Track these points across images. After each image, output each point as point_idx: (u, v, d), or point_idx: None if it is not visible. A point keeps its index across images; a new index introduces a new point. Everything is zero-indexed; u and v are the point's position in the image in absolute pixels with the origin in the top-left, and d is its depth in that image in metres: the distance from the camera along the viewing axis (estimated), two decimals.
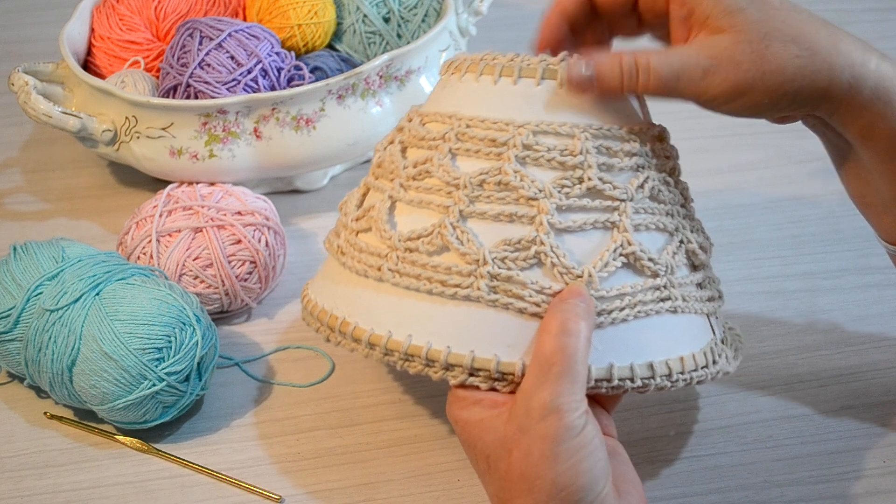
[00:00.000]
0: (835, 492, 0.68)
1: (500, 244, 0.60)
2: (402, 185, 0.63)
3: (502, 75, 0.63)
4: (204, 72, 0.86)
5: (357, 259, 0.64)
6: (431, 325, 0.60)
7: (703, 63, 0.57)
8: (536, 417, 0.54)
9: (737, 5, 0.57)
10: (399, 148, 0.65)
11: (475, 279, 0.59)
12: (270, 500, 0.68)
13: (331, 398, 0.75)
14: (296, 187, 0.95)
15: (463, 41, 1.00)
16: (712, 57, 0.57)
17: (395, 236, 0.62)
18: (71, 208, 0.94)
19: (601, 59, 0.60)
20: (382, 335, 0.61)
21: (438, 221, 0.61)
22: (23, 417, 0.74)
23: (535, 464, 0.54)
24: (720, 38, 0.57)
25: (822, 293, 0.84)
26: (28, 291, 0.71)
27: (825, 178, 0.96)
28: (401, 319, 0.61)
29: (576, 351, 0.55)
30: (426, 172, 0.62)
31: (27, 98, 0.85)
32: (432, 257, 0.61)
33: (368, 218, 0.64)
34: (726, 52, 0.57)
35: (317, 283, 0.69)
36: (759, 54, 0.57)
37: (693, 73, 0.57)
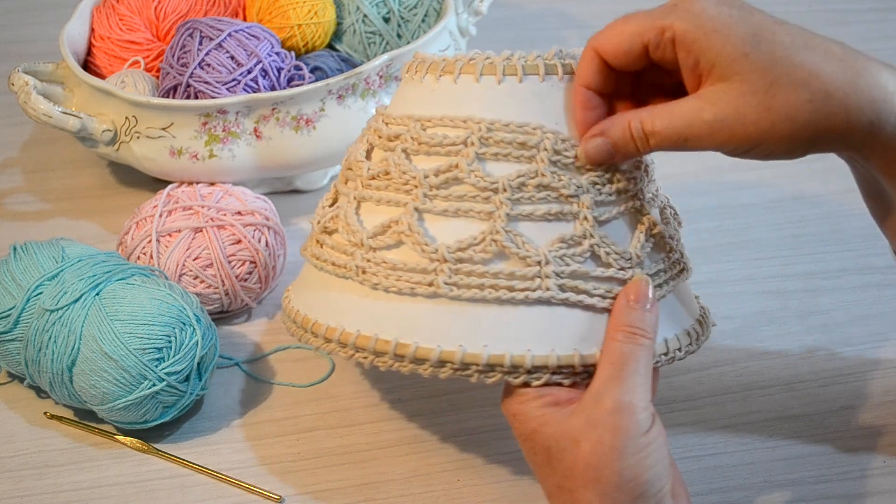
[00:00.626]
0: (835, 492, 0.68)
1: (554, 242, 0.60)
2: (426, 195, 0.62)
3: (506, 74, 0.62)
4: (204, 72, 0.86)
5: (395, 277, 0.61)
6: (504, 332, 0.60)
7: (707, 119, 0.55)
8: (608, 411, 0.56)
9: (741, 51, 0.54)
10: (403, 156, 0.63)
11: (541, 279, 0.60)
12: (270, 500, 0.68)
13: (331, 398, 0.75)
14: (296, 187, 0.95)
15: (463, 41, 1.00)
16: (717, 111, 0.55)
17: (442, 249, 0.60)
18: (71, 208, 0.94)
19: (612, 131, 0.59)
20: (454, 350, 0.60)
21: (487, 228, 0.60)
22: (23, 417, 0.74)
23: (605, 454, 0.55)
24: (725, 88, 0.55)
25: (822, 293, 0.84)
26: (28, 291, 0.71)
27: (825, 178, 0.96)
28: (467, 331, 0.60)
29: (641, 357, 0.58)
30: (455, 179, 0.61)
31: (27, 98, 0.85)
32: (488, 265, 0.60)
33: (395, 233, 0.62)
34: (731, 105, 0.55)
35: (330, 308, 0.65)
36: (765, 106, 0.54)
37: (699, 132, 0.56)
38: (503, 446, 0.71)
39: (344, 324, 0.63)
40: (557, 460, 0.57)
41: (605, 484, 0.56)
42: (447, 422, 0.73)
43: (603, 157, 0.60)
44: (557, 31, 1.21)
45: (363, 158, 0.65)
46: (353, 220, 0.64)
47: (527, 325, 0.60)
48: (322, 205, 0.68)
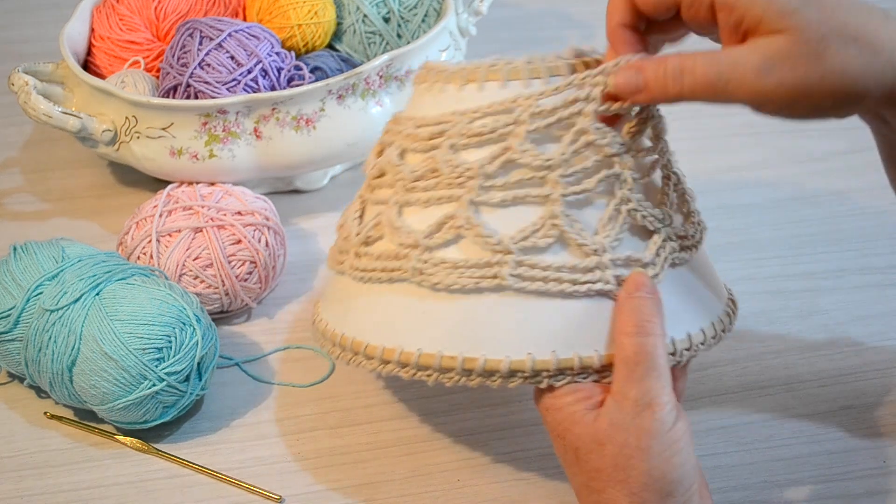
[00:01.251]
0: (835, 492, 0.68)
1: (605, 226, 0.60)
2: (482, 186, 0.60)
3: (531, 77, 0.62)
4: (204, 72, 0.86)
5: (457, 274, 0.60)
6: (570, 332, 0.59)
7: (755, 62, 0.54)
8: (630, 413, 0.56)
9: (791, 6, 0.53)
10: (451, 152, 0.62)
11: (601, 271, 0.59)
12: (270, 500, 0.68)
13: (331, 398, 0.75)
14: (296, 187, 0.95)
15: (463, 41, 1.00)
16: (767, 57, 0.53)
17: (506, 239, 0.59)
18: (71, 208, 0.94)
19: (647, 64, 0.57)
20: (524, 359, 0.59)
21: (546, 212, 0.59)
22: (23, 417, 0.74)
23: (630, 455, 0.56)
24: (775, 38, 0.54)
25: (822, 293, 0.84)
26: (28, 291, 0.71)
27: (825, 177, 0.96)
28: (534, 332, 0.59)
29: (655, 348, 0.57)
30: (510, 162, 0.60)
31: (27, 98, 0.85)
32: (551, 255, 0.59)
33: (452, 228, 0.61)
34: (782, 52, 0.53)
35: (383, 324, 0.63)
36: (818, 55, 0.53)
37: (745, 75, 0.54)
38: (503, 446, 0.71)
39: (402, 343, 0.62)
40: (584, 461, 0.58)
41: (632, 484, 0.56)
42: (447, 422, 0.73)
43: (630, 90, 0.58)
44: (557, 31, 1.21)
45: (400, 162, 0.64)
46: (400, 223, 0.62)
47: (588, 321, 0.59)
48: (349, 218, 0.67)
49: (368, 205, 0.66)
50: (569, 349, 0.59)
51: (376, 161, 0.67)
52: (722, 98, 0.55)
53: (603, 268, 0.59)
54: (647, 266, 0.60)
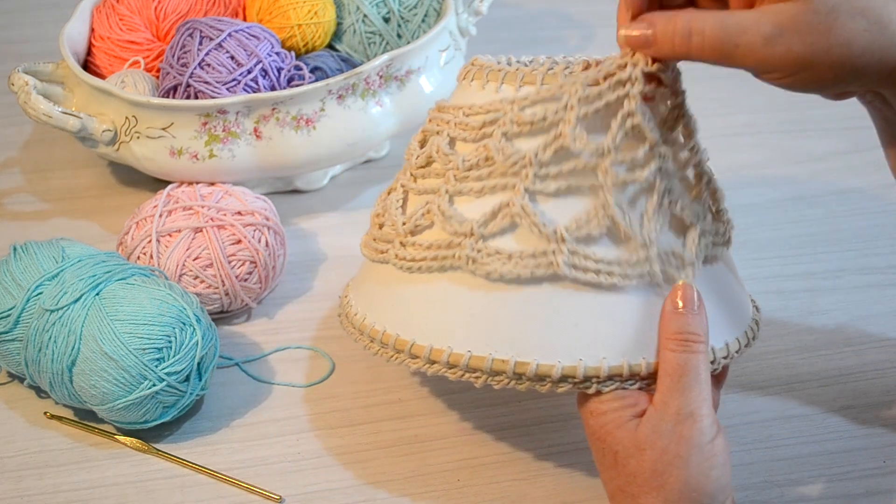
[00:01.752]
0: (835, 492, 0.68)
1: (650, 217, 0.60)
2: (537, 175, 0.60)
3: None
4: (204, 72, 0.86)
5: (513, 263, 0.60)
6: (622, 335, 0.60)
7: (765, 29, 0.54)
8: (672, 421, 0.57)
9: None
10: (504, 140, 0.61)
11: (649, 265, 0.59)
12: (270, 500, 0.68)
13: (331, 398, 0.75)
14: (296, 187, 0.95)
15: (463, 41, 1.00)
16: (777, 24, 0.54)
17: (561, 229, 0.59)
18: (71, 208, 0.94)
19: (658, 20, 0.57)
20: (576, 364, 0.59)
21: (598, 201, 0.59)
22: (23, 417, 0.74)
23: (669, 462, 0.56)
24: (786, 5, 0.54)
25: (822, 293, 0.84)
26: (28, 291, 0.71)
27: (825, 177, 0.96)
28: (586, 336, 0.60)
29: (699, 364, 0.58)
30: (562, 149, 0.60)
31: (27, 98, 0.85)
32: (603, 248, 0.60)
33: (507, 216, 0.60)
34: (792, 20, 0.54)
35: (430, 320, 0.63)
36: (826, 26, 0.53)
37: (753, 40, 0.54)
38: (503, 446, 0.71)
39: (452, 343, 0.61)
40: (623, 465, 0.58)
41: (669, 491, 0.56)
42: (447, 422, 0.73)
43: (640, 44, 0.58)
44: (557, 31, 1.21)
45: (451, 151, 0.63)
46: (452, 212, 0.62)
47: (636, 324, 0.60)
48: (391, 206, 0.66)
49: (412, 194, 0.66)
50: (619, 356, 0.60)
51: (421, 150, 0.66)
52: (728, 62, 0.56)
53: (651, 262, 0.59)
54: (687, 266, 0.61)
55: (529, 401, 0.74)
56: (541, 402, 0.74)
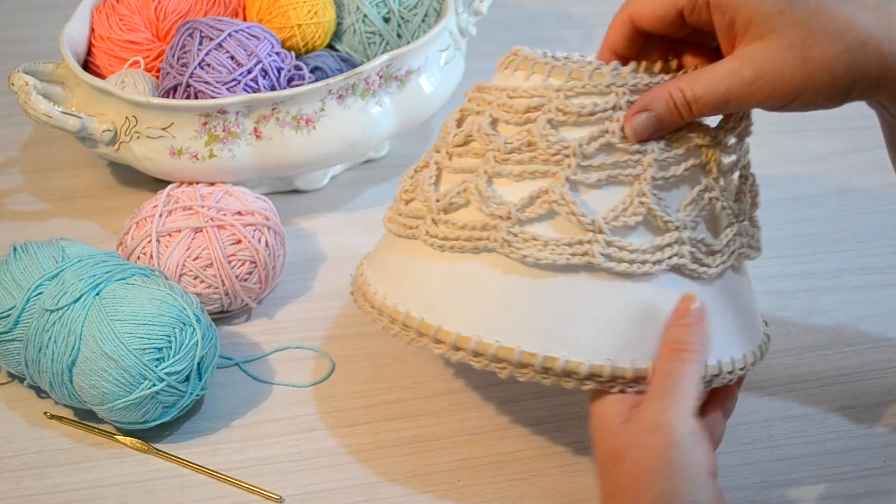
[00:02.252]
0: (835, 492, 0.68)
1: (687, 204, 0.61)
2: (580, 165, 0.60)
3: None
4: (204, 72, 0.86)
5: (549, 250, 0.60)
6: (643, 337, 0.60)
7: (746, 77, 0.56)
8: (644, 431, 0.56)
9: (776, 8, 0.55)
10: (549, 127, 0.61)
11: (679, 245, 0.60)
12: (270, 500, 0.68)
13: (331, 398, 0.75)
14: (296, 187, 0.95)
15: (463, 41, 1.00)
16: (755, 69, 0.56)
17: (599, 219, 0.60)
18: (71, 208, 0.94)
19: (655, 104, 0.59)
20: (603, 364, 0.59)
21: (634, 191, 0.60)
22: (23, 417, 0.74)
23: (644, 475, 0.55)
24: (762, 45, 0.56)
25: (822, 293, 0.84)
26: (28, 291, 0.71)
27: (825, 178, 0.96)
28: (619, 336, 0.60)
29: (684, 374, 0.58)
30: (607, 146, 0.60)
31: (27, 98, 0.85)
32: (638, 237, 0.60)
33: (546, 202, 0.60)
34: (769, 61, 0.56)
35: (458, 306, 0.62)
36: (803, 58, 0.55)
37: (740, 91, 0.56)
38: (503, 446, 0.71)
39: (480, 331, 0.60)
40: (607, 473, 0.58)
41: (643, 503, 0.55)
42: (447, 422, 0.73)
43: (650, 132, 0.60)
44: (557, 31, 1.21)
45: (493, 132, 0.63)
46: (490, 193, 0.61)
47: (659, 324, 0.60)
48: (424, 183, 0.65)
49: (446, 172, 0.65)
50: (646, 359, 0.59)
51: (458, 129, 0.66)
52: (729, 111, 0.59)
53: (681, 242, 0.60)
54: (717, 254, 0.62)
55: (530, 401, 0.74)
56: (541, 402, 0.74)
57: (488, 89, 0.65)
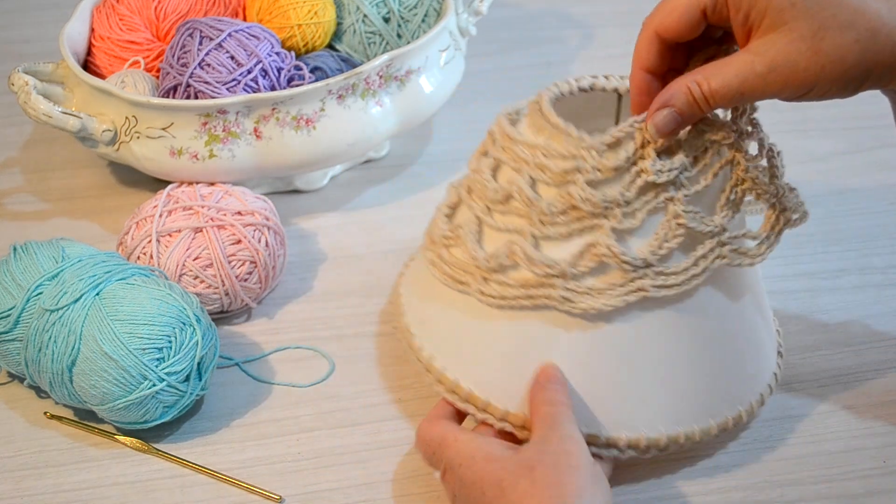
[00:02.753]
0: (835, 492, 0.68)
1: (722, 207, 0.64)
2: (624, 214, 0.62)
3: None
4: (204, 72, 0.86)
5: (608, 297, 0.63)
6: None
7: (760, 70, 0.57)
8: (557, 441, 0.59)
9: (788, 1, 0.56)
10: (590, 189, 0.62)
11: (720, 248, 0.64)
12: (270, 500, 0.68)
13: (331, 398, 0.75)
14: (296, 187, 0.95)
15: (463, 41, 1.00)
16: (768, 62, 0.57)
17: (645, 256, 0.62)
18: (71, 208, 0.94)
19: (675, 99, 0.60)
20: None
21: (669, 213, 0.62)
22: (23, 417, 0.74)
23: (563, 472, 0.57)
24: (775, 38, 0.56)
25: (822, 293, 0.84)
26: (28, 291, 0.71)
27: (825, 178, 0.96)
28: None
29: (567, 416, 0.62)
30: (646, 182, 0.62)
31: (27, 98, 0.85)
32: (670, 262, 0.63)
33: (594, 256, 0.63)
34: (781, 54, 0.56)
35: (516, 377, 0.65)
36: (814, 49, 0.56)
37: (754, 84, 0.57)
38: None
39: (526, 410, 0.64)
40: (511, 490, 0.57)
41: (569, 497, 0.56)
42: None
43: (672, 127, 0.61)
44: (557, 31, 1.21)
45: (534, 194, 0.64)
46: (539, 256, 0.63)
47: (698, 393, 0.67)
48: (468, 239, 0.66)
49: (489, 228, 0.66)
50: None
51: (496, 182, 0.66)
52: (745, 102, 0.60)
53: (721, 244, 0.63)
54: (760, 243, 0.65)
55: None
56: None
57: (520, 143, 0.65)
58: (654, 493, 0.68)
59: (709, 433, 0.67)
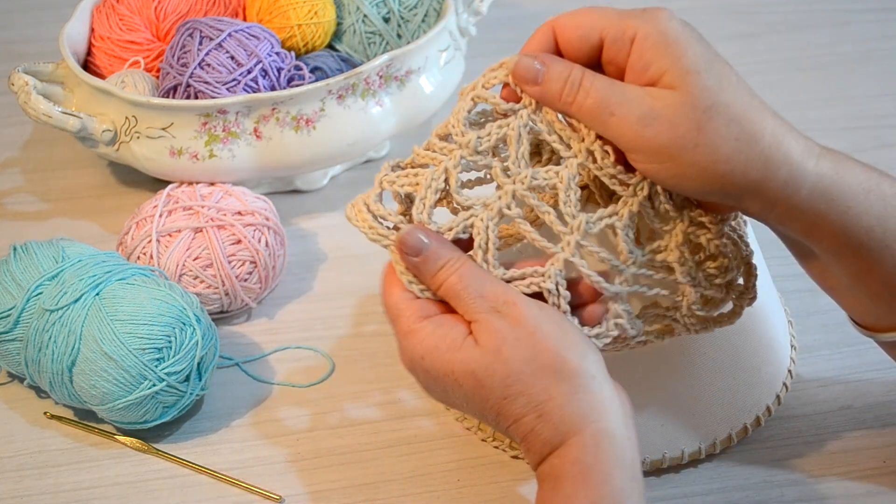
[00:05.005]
0: (835, 492, 0.68)
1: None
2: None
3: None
4: (204, 72, 0.86)
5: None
6: None
7: (642, 108, 0.54)
8: (497, 316, 0.56)
9: (694, 67, 0.54)
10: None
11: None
12: (270, 500, 0.68)
13: (331, 398, 0.75)
14: (296, 187, 0.95)
15: (463, 41, 1.00)
16: (653, 108, 0.54)
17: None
18: (71, 208, 0.94)
19: (554, 63, 0.58)
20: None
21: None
22: (23, 417, 0.74)
23: (531, 344, 0.55)
24: (668, 92, 0.54)
25: (822, 293, 0.83)
26: (28, 291, 0.71)
27: None
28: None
29: (459, 275, 0.57)
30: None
31: (27, 98, 0.85)
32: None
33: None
34: (668, 108, 0.54)
35: None
36: (698, 123, 0.54)
37: (629, 114, 0.55)
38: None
39: None
40: (488, 377, 0.55)
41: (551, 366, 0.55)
42: (447, 422, 0.73)
43: (524, 77, 0.59)
44: None
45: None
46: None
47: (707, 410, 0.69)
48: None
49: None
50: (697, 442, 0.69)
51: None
52: (601, 128, 0.56)
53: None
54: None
55: None
56: None
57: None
58: (654, 493, 0.68)
59: (730, 441, 0.69)
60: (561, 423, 0.54)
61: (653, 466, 0.68)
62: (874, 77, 1.09)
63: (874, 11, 1.22)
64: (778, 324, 0.72)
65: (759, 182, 0.55)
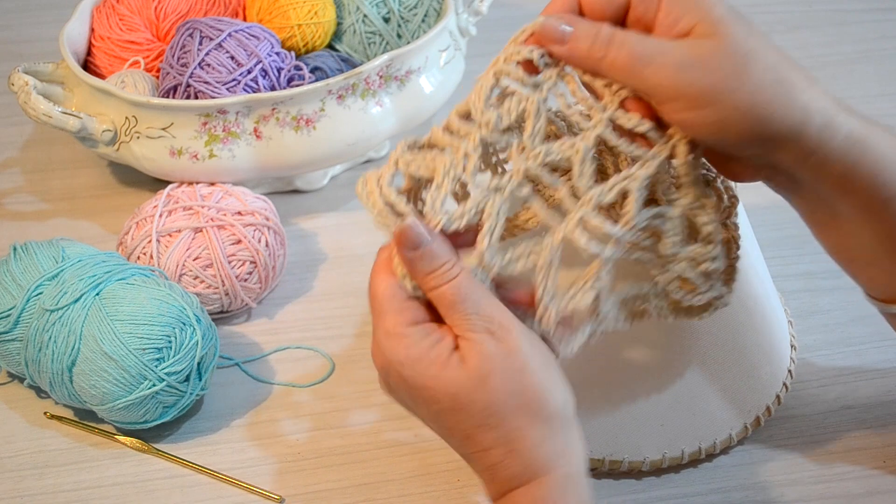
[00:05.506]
0: (835, 492, 0.68)
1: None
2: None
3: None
4: (204, 72, 0.86)
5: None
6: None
7: (680, 56, 0.54)
8: (491, 341, 0.54)
9: (728, 17, 0.54)
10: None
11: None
12: (270, 500, 0.68)
13: (331, 398, 0.75)
14: (296, 187, 0.95)
15: (463, 41, 1.00)
16: (691, 55, 0.53)
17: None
18: (71, 208, 0.94)
19: (581, 21, 0.57)
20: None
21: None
22: (23, 417, 0.74)
23: (515, 379, 0.54)
24: (704, 42, 0.54)
25: (822, 293, 0.84)
26: (28, 291, 0.71)
27: None
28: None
29: (459, 286, 0.55)
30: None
31: (27, 98, 0.85)
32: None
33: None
34: (707, 54, 0.53)
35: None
36: (738, 67, 0.53)
37: (667, 62, 0.54)
38: None
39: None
40: (468, 403, 0.54)
41: (531, 404, 0.54)
42: None
43: (551, 36, 0.58)
44: None
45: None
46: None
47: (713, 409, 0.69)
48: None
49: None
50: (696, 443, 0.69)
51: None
52: (636, 80, 0.55)
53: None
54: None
55: None
56: None
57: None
58: (655, 493, 0.68)
59: (730, 441, 0.69)
60: (532, 463, 0.54)
61: (653, 466, 0.68)
62: (873, 77, 1.09)
63: (873, 11, 1.22)
64: (778, 324, 0.71)
65: (798, 127, 0.54)
